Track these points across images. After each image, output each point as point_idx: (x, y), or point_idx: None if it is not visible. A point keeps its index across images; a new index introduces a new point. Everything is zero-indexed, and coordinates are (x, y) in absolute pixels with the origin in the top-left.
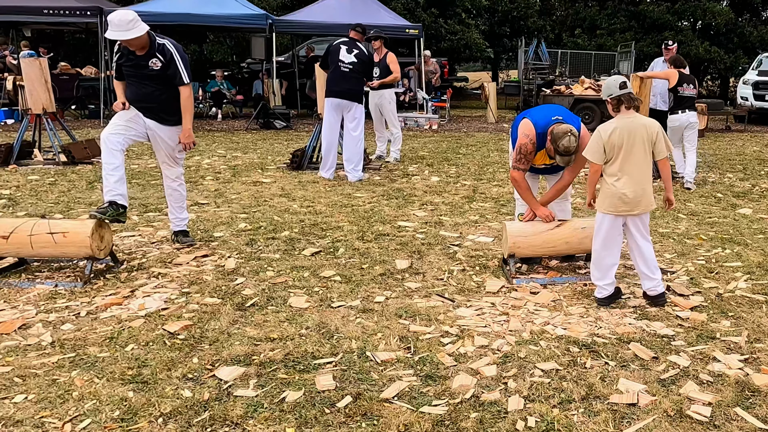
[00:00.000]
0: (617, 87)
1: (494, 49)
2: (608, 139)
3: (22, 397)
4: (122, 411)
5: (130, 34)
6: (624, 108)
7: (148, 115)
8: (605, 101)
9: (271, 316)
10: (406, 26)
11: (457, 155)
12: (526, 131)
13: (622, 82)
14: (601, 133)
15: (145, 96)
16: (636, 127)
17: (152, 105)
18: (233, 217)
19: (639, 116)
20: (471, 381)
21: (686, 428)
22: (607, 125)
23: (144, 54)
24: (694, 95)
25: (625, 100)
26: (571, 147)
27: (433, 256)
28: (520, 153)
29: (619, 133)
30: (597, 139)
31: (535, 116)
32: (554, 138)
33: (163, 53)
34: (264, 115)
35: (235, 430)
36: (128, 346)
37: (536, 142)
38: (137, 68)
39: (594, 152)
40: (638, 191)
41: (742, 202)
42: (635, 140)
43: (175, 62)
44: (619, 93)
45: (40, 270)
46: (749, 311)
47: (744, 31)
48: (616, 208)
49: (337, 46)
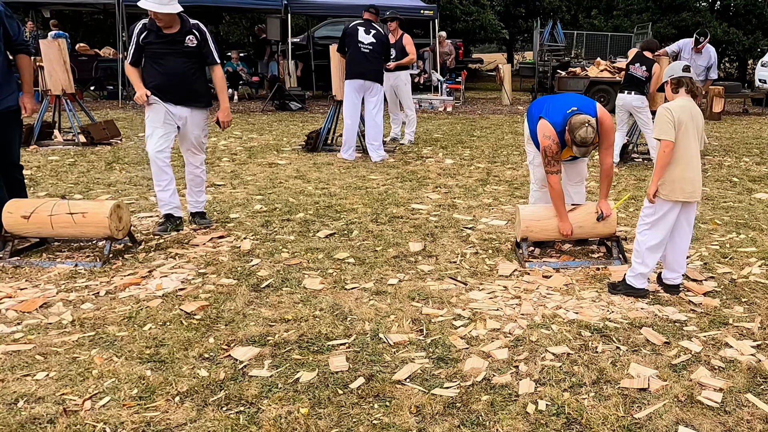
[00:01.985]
0: (680, 69)
1: (509, 30)
2: (678, 115)
3: (43, 374)
4: (140, 389)
5: (168, 8)
6: (684, 91)
7: (178, 97)
8: (664, 83)
9: (286, 297)
10: (420, 7)
11: (471, 137)
12: (547, 132)
13: (686, 65)
14: (668, 108)
15: (181, 73)
16: (697, 112)
17: (186, 83)
18: (249, 198)
19: (693, 101)
20: (482, 364)
21: (697, 414)
22: (672, 103)
23: (177, 32)
24: (643, 78)
25: (687, 82)
26: (588, 138)
27: (446, 238)
28: (548, 156)
29: (686, 112)
30: (666, 115)
31: (552, 114)
32: (571, 129)
33: (199, 31)
34: (279, 97)
35: (250, 410)
36: (146, 326)
37: (559, 141)
38: (172, 45)
39: (666, 129)
40: (699, 176)
41: (758, 187)
42: (697, 123)
43: (208, 41)
44: (681, 74)
45: (61, 250)
46: (763, 297)
47: (764, 12)
48: (688, 194)
49: (355, 28)
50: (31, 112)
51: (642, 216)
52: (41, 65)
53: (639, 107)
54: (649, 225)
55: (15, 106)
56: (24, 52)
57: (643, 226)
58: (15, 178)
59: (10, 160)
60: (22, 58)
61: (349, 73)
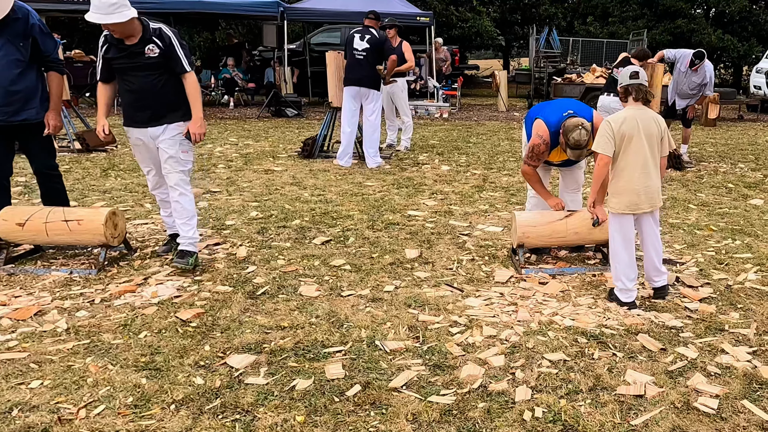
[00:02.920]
0: (628, 76)
1: (505, 36)
2: (619, 128)
3: (38, 382)
4: (135, 397)
5: (111, 18)
6: (632, 99)
7: (147, 116)
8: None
9: (282, 304)
10: (417, 14)
11: (467, 144)
12: (540, 132)
13: (634, 72)
14: (610, 122)
15: (144, 90)
16: (647, 120)
17: (154, 100)
18: (245, 205)
19: (648, 110)
20: (479, 371)
21: (693, 420)
22: (615, 115)
23: (137, 42)
24: None
25: (633, 90)
26: (581, 140)
27: (442, 245)
28: (533, 152)
29: (630, 124)
30: (606, 129)
31: (548, 115)
32: (565, 131)
33: (161, 38)
34: (276, 103)
35: (246, 418)
36: (141, 333)
37: (549, 142)
38: (131, 58)
39: (603, 143)
40: (651, 187)
41: (754, 193)
42: (647, 132)
43: (174, 48)
44: (629, 83)
45: (56, 257)
46: (759, 303)
47: (759, 19)
48: (634, 205)
49: (352, 35)
50: (54, 129)
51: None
52: None
53: (617, 109)
54: (611, 237)
55: (34, 120)
56: (55, 70)
57: (610, 240)
58: (51, 187)
59: (39, 170)
60: (52, 75)
61: (345, 80)
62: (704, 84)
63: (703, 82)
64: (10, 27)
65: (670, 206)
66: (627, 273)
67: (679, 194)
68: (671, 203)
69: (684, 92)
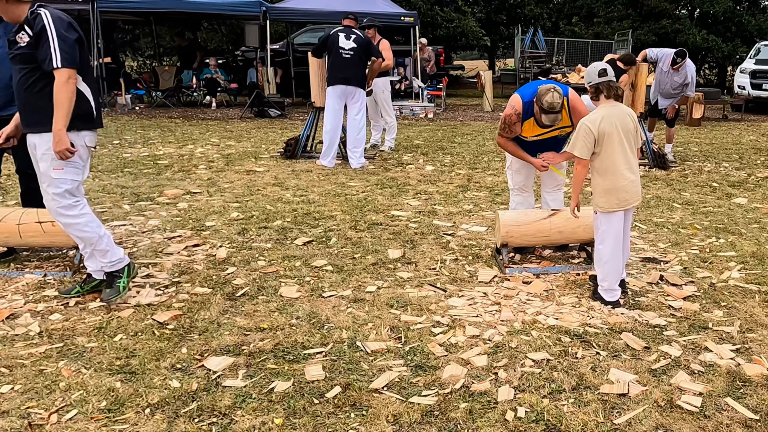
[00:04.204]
0: (596, 74)
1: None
2: (598, 128)
3: (8, 387)
4: (109, 401)
5: None
6: (604, 97)
7: (24, 120)
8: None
9: (262, 305)
10: (401, 14)
11: (452, 144)
12: (513, 103)
13: (602, 69)
14: (588, 125)
15: (17, 87)
16: (622, 116)
17: (22, 101)
18: (225, 206)
19: (621, 105)
20: (461, 371)
21: (676, 418)
22: (592, 116)
23: (17, 27)
24: None
25: (604, 88)
26: (554, 103)
27: (426, 245)
28: (504, 123)
29: (608, 122)
30: (586, 132)
31: (524, 90)
32: (538, 98)
33: (35, 24)
34: (258, 104)
35: (223, 421)
36: (117, 336)
37: (521, 112)
38: (9, 47)
39: (583, 147)
40: (635, 181)
41: (738, 192)
42: (624, 128)
43: (46, 36)
44: (598, 81)
45: (29, 259)
46: (742, 301)
47: (742, 19)
48: (624, 201)
49: (336, 34)
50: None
51: (594, 229)
52: None
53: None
54: (599, 239)
55: None
56: None
57: (596, 242)
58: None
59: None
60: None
61: (331, 79)
62: (686, 84)
63: (685, 81)
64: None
65: (654, 205)
66: (614, 272)
67: (663, 193)
68: (655, 202)
69: (667, 92)
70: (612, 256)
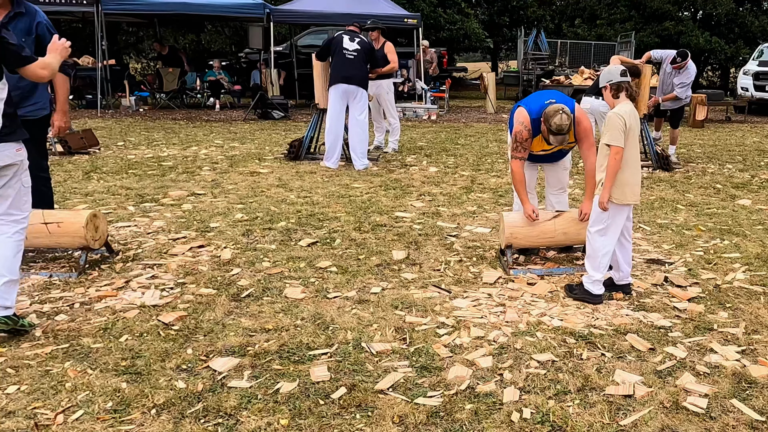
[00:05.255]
0: (619, 74)
1: (493, 39)
2: (628, 121)
3: (14, 388)
4: (115, 402)
5: None
6: (624, 95)
7: None
8: (602, 88)
9: (267, 307)
10: (404, 16)
11: (455, 146)
12: (521, 119)
13: (624, 70)
14: (620, 114)
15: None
16: (636, 115)
17: None
18: (230, 207)
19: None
20: (466, 372)
21: (682, 420)
22: (620, 108)
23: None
24: None
25: (625, 87)
26: (563, 125)
27: (430, 246)
28: (516, 141)
29: (632, 117)
30: (617, 121)
31: (530, 103)
32: (546, 117)
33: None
34: (262, 105)
35: (229, 422)
36: (122, 337)
37: (531, 129)
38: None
39: (617, 136)
40: (640, 178)
41: (741, 193)
42: (637, 126)
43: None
44: (621, 80)
45: (35, 260)
46: (747, 302)
47: (745, 21)
48: (635, 195)
49: (340, 36)
50: (60, 130)
51: (593, 222)
52: None
53: (605, 113)
54: (602, 231)
55: (31, 117)
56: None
57: (596, 233)
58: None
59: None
60: (57, 76)
61: (333, 78)
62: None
63: (681, 83)
64: (15, 22)
65: (658, 206)
66: (606, 266)
67: (667, 195)
68: (660, 203)
69: (669, 92)
70: (609, 249)
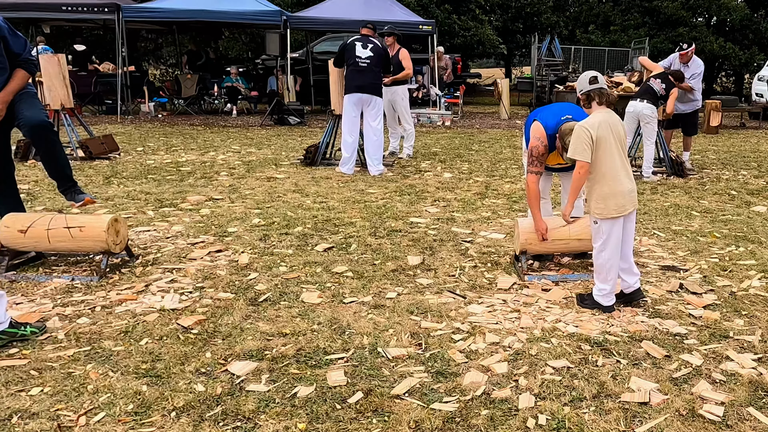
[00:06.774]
0: (587, 82)
1: (507, 45)
2: (596, 133)
3: (38, 389)
4: (136, 405)
5: None
6: (596, 104)
7: None
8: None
9: (284, 311)
10: (419, 22)
11: (469, 151)
12: (537, 134)
13: (593, 77)
14: (586, 128)
15: None
16: (615, 123)
17: None
18: (247, 212)
19: (613, 113)
20: (482, 378)
21: (698, 428)
22: (589, 120)
23: None
24: (659, 93)
25: (596, 95)
26: None
27: (444, 252)
28: (532, 156)
29: (605, 127)
30: (583, 135)
31: (545, 118)
32: (561, 135)
33: None
34: (278, 111)
35: (247, 425)
36: (142, 340)
37: (547, 144)
38: None
39: (584, 150)
40: (633, 189)
41: (757, 200)
42: (617, 135)
43: None
44: (590, 88)
45: (57, 264)
46: (763, 310)
47: (760, 27)
48: (621, 207)
49: (353, 43)
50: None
51: (592, 239)
52: (40, 80)
53: (649, 116)
54: (601, 246)
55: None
56: (23, 67)
57: (597, 249)
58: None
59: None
60: (18, 70)
61: (347, 87)
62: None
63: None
64: None
65: (672, 213)
66: (614, 279)
67: (681, 201)
68: (674, 210)
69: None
70: (613, 263)
